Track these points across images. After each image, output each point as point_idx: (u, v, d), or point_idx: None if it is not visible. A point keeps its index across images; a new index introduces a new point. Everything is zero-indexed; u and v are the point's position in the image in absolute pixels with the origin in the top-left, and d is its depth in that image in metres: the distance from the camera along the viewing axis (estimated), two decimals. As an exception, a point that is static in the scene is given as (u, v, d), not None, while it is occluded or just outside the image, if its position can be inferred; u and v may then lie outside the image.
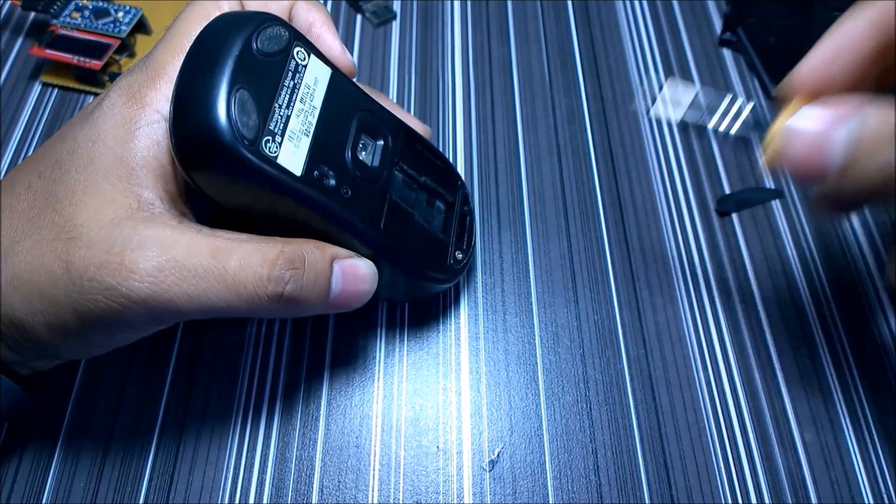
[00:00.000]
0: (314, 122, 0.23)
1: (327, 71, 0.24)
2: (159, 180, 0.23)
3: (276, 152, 0.21)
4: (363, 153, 0.25)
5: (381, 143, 0.26)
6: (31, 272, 0.22)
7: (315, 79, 0.24)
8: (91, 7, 0.39)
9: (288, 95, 0.22)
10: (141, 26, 0.39)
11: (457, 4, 0.42)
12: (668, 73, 0.39)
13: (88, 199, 0.22)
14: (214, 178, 0.22)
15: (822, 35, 0.33)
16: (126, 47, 0.38)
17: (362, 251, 0.25)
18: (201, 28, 0.23)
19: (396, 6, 0.42)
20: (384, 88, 0.39)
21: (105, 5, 0.39)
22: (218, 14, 0.24)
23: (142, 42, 0.39)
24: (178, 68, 0.22)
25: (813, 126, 0.18)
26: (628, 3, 0.43)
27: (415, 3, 0.43)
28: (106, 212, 0.22)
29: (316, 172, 0.22)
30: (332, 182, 0.23)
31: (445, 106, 0.38)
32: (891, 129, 0.17)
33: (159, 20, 0.40)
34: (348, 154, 0.24)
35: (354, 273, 0.24)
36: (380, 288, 0.26)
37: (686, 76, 0.40)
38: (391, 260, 0.25)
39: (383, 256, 0.25)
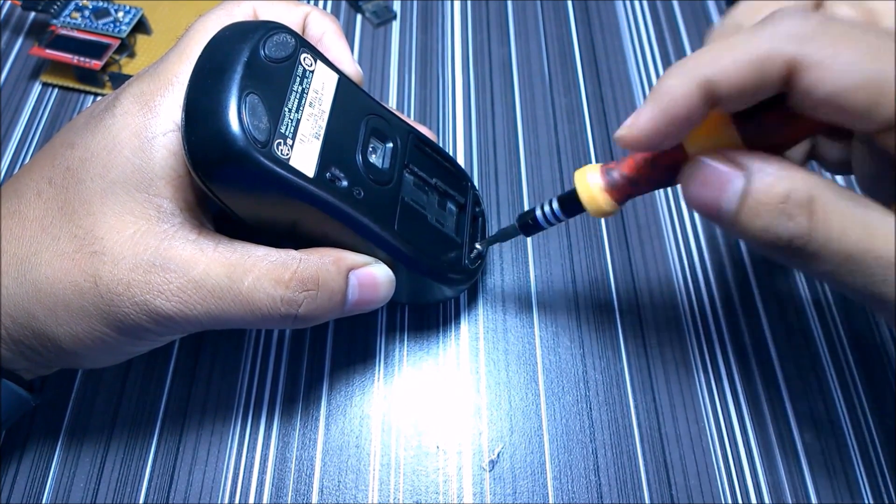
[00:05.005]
0: (324, 125, 0.23)
1: (334, 76, 0.24)
2: (177, 190, 0.23)
3: (288, 155, 0.21)
4: (373, 156, 0.25)
5: (391, 145, 0.26)
6: (54, 285, 0.22)
7: (322, 84, 0.24)
8: (91, 7, 0.39)
9: (297, 100, 0.22)
10: (141, 26, 0.39)
11: (457, 4, 0.42)
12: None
13: (107, 210, 0.22)
14: (229, 183, 0.22)
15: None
16: (126, 47, 0.38)
17: (379, 255, 0.25)
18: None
19: (396, 6, 0.42)
20: (384, 88, 0.39)
21: (105, 5, 0.39)
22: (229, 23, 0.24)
23: (142, 42, 0.39)
24: (189, 76, 0.22)
25: (713, 174, 0.18)
26: (628, 3, 0.43)
27: (415, 3, 0.43)
28: (126, 224, 0.22)
29: (328, 174, 0.23)
30: (345, 183, 0.23)
31: (445, 106, 0.38)
32: (773, 198, 0.17)
33: (159, 20, 0.40)
34: (359, 157, 0.24)
35: (372, 282, 0.25)
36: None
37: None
38: (407, 261, 0.25)
39: (399, 258, 0.25)
